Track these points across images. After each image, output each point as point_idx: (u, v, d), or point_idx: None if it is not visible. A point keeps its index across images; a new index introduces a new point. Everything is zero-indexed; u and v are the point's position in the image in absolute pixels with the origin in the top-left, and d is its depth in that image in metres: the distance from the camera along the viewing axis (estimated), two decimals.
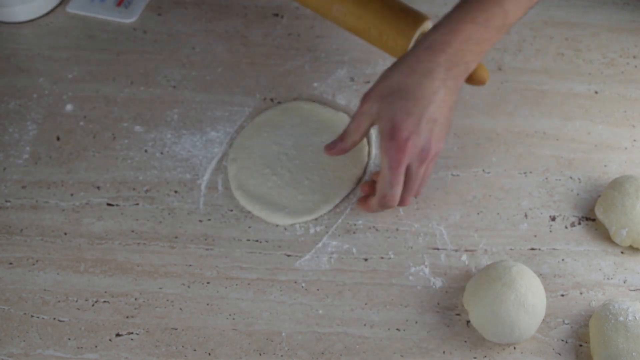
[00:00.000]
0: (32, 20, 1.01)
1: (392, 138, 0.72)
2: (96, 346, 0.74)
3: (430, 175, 0.79)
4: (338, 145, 0.78)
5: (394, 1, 0.86)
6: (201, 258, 0.80)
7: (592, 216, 0.82)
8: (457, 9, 0.75)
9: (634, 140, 0.88)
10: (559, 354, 0.73)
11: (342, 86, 0.94)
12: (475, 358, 0.73)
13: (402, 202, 0.77)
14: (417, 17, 0.84)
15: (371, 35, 0.87)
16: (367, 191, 0.80)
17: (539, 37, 0.98)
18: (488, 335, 0.72)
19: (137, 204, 0.84)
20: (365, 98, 0.76)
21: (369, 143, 0.88)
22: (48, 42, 0.99)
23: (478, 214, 0.83)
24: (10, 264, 0.79)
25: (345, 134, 0.78)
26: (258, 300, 0.77)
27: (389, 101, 0.73)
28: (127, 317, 0.76)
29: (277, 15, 1.01)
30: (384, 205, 0.77)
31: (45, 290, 0.77)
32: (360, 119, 0.76)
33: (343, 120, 0.89)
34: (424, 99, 0.72)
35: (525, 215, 0.82)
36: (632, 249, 0.79)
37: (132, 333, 0.75)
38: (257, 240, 0.81)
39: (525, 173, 0.86)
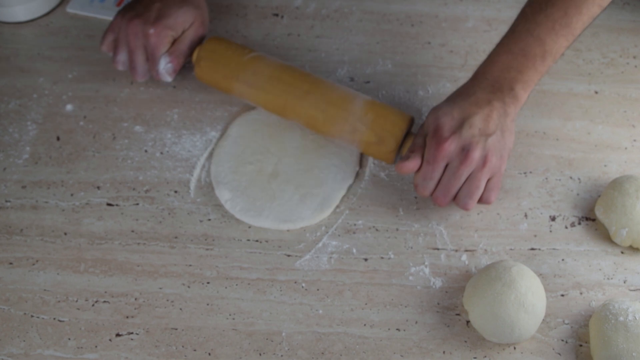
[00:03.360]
0: (32, 20, 1.01)
1: (434, 135, 0.76)
2: (96, 346, 0.74)
3: (496, 190, 0.78)
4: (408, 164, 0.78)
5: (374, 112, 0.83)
6: (201, 258, 0.80)
7: (592, 216, 0.82)
8: (497, 45, 0.80)
9: (634, 140, 0.88)
10: (559, 354, 0.73)
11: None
12: (475, 358, 0.73)
13: (437, 201, 0.78)
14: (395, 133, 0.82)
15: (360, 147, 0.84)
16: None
17: None
18: (488, 335, 0.72)
19: (137, 204, 0.84)
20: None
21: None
22: (48, 42, 0.99)
23: (478, 214, 0.83)
24: (10, 264, 0.79)
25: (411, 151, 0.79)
26: (258, 300, 0.77)
27: (436, 108, 0.78)
28: (127, 317, 0.76)
29: (277, 15, 1.01)
30: (416, 190, 0.79)
31: (45, 290, 0.77)
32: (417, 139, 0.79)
33: None
34: (467, 109, 0.75)
35: (525, 215, 0.82)
36: (632, 249, 0.79)
37: (132, 333, 0.75)
38: (257, 240, 0.81)
39: (525, 173, 0.86)
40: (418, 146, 0.77)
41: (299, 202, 0.82)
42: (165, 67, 0.88)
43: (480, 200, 0.77)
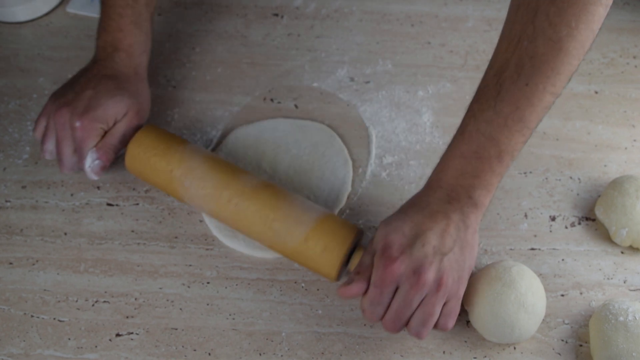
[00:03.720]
0: (32, 20, 1.01)
1: (382, 255, 0.67)
2: (96, 346, 0.74)
3: (454, 315, 0.69)
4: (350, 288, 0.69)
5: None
6: (201, 258, 0.80)
7: (592, 216, 0.82)
8: (447, 148, 0.72)
9: (634, 140, 0.88)
10: (559, 354, 0.73)
11: (342, 86, 0.94)
12: (475, 358, 0.73)
13: (387, 328, 0.69)
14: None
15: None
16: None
17: None
18: (488, 335, 0.72)
19: (137, 204, 0.84)
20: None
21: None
22: (48, 42, 0.99)
23: None
24: (10, 264, 0.79)
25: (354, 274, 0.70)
26: (258, 300, 0.77)
27: (385, 223, 0.69)
28: (127, 317, 0.76)
29: (277, 15, 1.01)
30: (364, 315, 0.70)
31: (45, 290, 0.77)
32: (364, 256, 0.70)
33: (326, 133, 0.88)
34: (421, 223, 0.67)
35: (525, 215, 0.82)
36: (632, 249, 0.79)
37: (132, 333, 0.75)
38: None
39: (525, 173, 0.86)
40: (365, 266, 0.68)
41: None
42: (91, 164, 0.80)
43: (436, 327, 0.68)
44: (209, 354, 0.73)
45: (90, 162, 0.80)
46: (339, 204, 0.82)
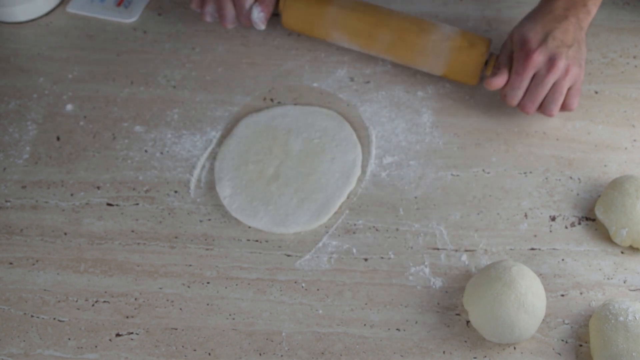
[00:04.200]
0: (32, 20, 1.01)
1: (522, 48, 0.83)
2: (96, 346, 0.74)
3: (578, 96, 0.85)
4: (498, 79, 0.86)
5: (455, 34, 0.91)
6: (201, 258, 0.80)
7: (592, 216, 0.82)
8: None
9: (634, 140, 0.88)
10: (559, 354, 0.73)
11: (342, 86, 0.94)
12: (475, 358, 0.73)
13: (525, 109, 0.86)
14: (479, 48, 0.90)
15: (440, 71, 0.92)
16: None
17: None
18: (488, 335, 0.72)
19: (137, 204, 0.84)
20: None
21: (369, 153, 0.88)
22: (48, 42, 0.99)
23: (478, 214, 0.83)
24: (10, 264, 0.79)
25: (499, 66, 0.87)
26: (258, 300, 0.77)
27: (521, 24, 0.86)
28: (127, 317, 0.76)
29: (277, 15, 1.01)
30: (505, 100, 0.86)
31: (45, 290, 0.77)
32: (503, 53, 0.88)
33: (341, 126, 0.89)
34: (548, 24, 0.84)
35: (525, 215, 0.82)
36: (632, 249, 0.79)
37: (132, 333, 0.75)
38: (257, 240, 0.81)
39: (525, 173, 0.86)
40: (503, 63, 0.86)
41: (296, 207, 0.82)
42: (258, 15, 0.93)
43: (562, 107, 0.85)
44: (209, 354, 0.73)
45: (257, 14, 0.93)
46: (349, 186, 0.84)
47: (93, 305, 0.76)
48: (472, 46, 0.89)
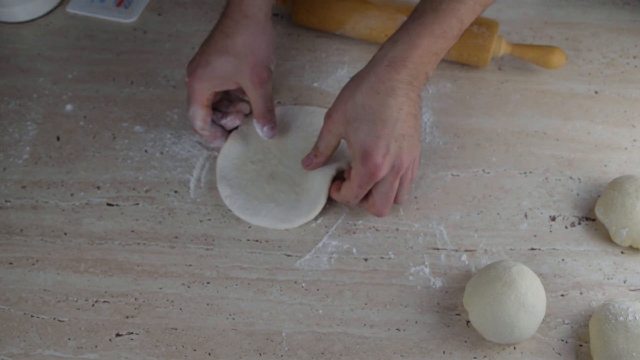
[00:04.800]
0: (32, 20, 1.01)
1: (365, 164, 0.73)
2: (96, 346, 0.74)
3: (412, 180, 0.81)
4: (313, 161, 0.80)
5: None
6: (201, 258, 0.80)
7: (592, 216, 0.82)
8: (414, 21, 0.75)
9: (634, 140, 0.88)
10: (559, 354, 0.73)
11: (342, 86, 0.93)
12: (475, 358, 0.73)
13: (378, 213, 0.78)
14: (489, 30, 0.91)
15: (451, 55, 0.93)
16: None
17: (539, 37, 0.98)
18: (488, 335, 0.72)
19: (137, 204, 0.84)
20: (330, 118, 0.76)
21: None
22: (48, 42, 0.99)
23: (478, 214, 0.83)
24: (10, 264, 0.79)
25: (317, 151, 0.80)
26: (258, 300, 0.77)
27: (356, 126, 0.73)
28: (127, 317, 0.76)
29: (277, 15, 1.01)
30: (346, 203, 0.79)
31: (45, 290, 0.77)
32: (328, 138, 0.78)
33: None
34: (390, 118, 0.72)
35: (525, 215, 0.82)
36: (632, 249, 0.79)
37: (132, 333, 0.75)
38: (257, 240, 0.81)
39: (525, 173, 0.86)
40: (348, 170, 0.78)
41: (295, 202, 0.82)
42: (264, 132, 0.86)
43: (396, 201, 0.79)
44: (209, 354, 0.73)
45: (260, 130, 0.86)
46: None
47: (93, 305, 0.76)
48: (487, 28, 0.90)
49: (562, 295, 0.77)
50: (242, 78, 0.82)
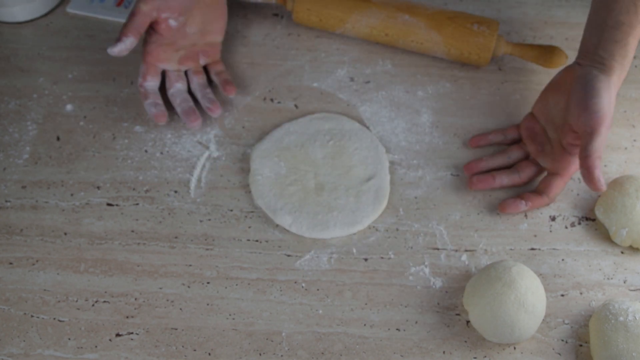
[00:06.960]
0: (32, 20, 1.01)
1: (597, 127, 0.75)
2: (96, 346, 0.74)
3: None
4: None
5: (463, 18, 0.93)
6: (201, 258, 0.80)
7: (592, 216, 0.82)
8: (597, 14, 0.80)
9: (634, 140, 0.88)
10: (559, 354, 0.73)
11: (342, 86, 0.94)
12: (475, 358, 0.73)
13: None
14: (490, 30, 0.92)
15: (451, 54, 0.94)
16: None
17: (538, 37, 0.98)
18: (488, 335, 0.72)
19: (137, 204, 0.84)
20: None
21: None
22: (48, 42, 0.99)
23: (478, 214, 0.83)
24: (10, 264, 0.79)
25: None
26: (258, 300, 0.77)
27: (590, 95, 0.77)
28: (127, 317, 0.76)
29: (277, 15, 1.01)
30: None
31: (45, 290, 0.77)
32: None
33: (365, 135, 0.88)
34: (607, 119, 0.76)
35: (525, 215, 0.82)
36: (632, 249, 0.79)
37: (132, 333, 0.75)
38: (257, 240, 0.81)
39: None
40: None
41: (355, 202, 0.82)
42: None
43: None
44: (209, 354, 0.73)
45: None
46: (384, 165, 0.85)
47: (93, 305, 0.76)
48: (487, 27, 0.92)
49: (562, 295, 0.77)
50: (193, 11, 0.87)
